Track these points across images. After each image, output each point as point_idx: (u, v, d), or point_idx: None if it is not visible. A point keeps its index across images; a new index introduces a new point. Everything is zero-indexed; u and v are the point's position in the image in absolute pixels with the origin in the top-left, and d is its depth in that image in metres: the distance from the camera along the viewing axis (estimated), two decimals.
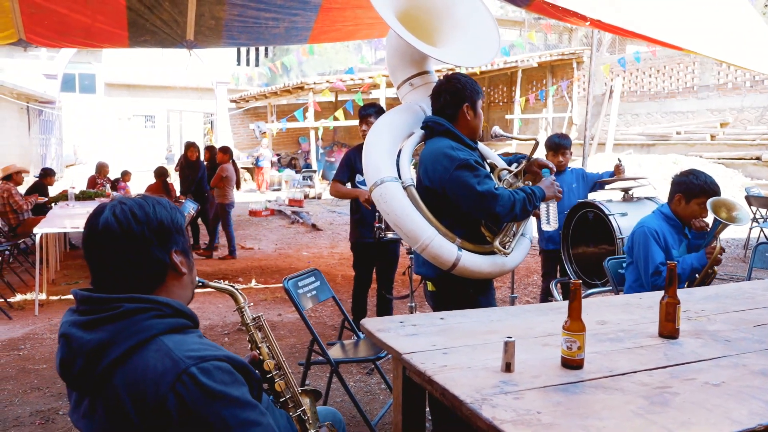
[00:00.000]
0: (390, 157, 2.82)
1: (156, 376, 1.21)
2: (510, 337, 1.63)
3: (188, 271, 1.43)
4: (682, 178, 3.15)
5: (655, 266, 3.01)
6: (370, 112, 4.32)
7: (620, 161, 4.64)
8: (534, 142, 2.91)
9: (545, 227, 3.07)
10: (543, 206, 2.93)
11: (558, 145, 4.62)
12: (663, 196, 4.96)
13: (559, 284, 4.71)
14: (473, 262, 2.64)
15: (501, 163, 2.99)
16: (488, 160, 2.92)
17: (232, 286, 1.70)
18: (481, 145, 2.96)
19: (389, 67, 3.23)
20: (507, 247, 2.73)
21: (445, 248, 2.60)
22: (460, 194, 2.60)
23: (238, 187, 8.76)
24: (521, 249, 2.85)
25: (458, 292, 2.72)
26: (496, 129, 2.96)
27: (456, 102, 2.74)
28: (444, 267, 2.63)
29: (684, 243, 3.26)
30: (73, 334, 1.28)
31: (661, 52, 14.54)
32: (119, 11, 6.63)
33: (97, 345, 1.25)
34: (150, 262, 1.35)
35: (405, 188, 2.72)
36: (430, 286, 2.81)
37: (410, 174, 2.78)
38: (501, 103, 19.60)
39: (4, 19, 6.39)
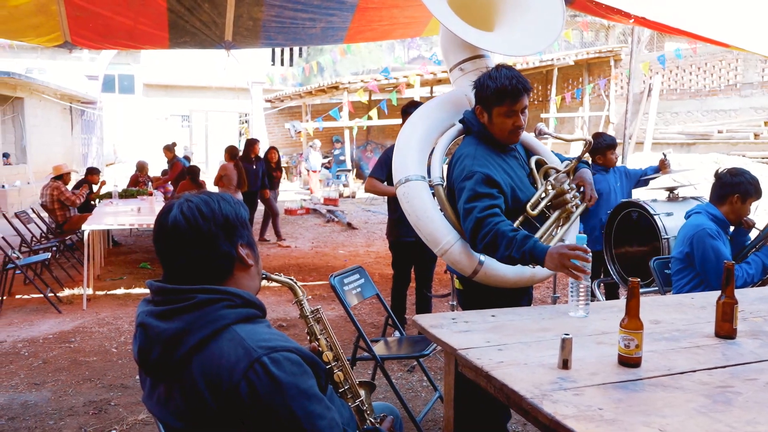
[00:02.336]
0: (420, 154, 2.68)
1: (230, 364, 1.26)
2: (567, 334, 1.64)
3: (254, 262, 1.48)
4: (736, 179, 3.14)
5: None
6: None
7: (665, 155, 4.59)
8: (585, 142, 2.64)
9: (572, 314, 2.16)
10: (573, 283, 2.16)
11: (612, 143, 4.67)
12: (706, 197, 4.88)
13: (602, 284, 4.67)
14: (496, 270, 2.47)
15: (553, 161, 2.79)
16: (536, 156, 2.75)
17: (292, 280, 1.74)
18: (532, 141, 2.78)
19: (442, 49, 3.01)
20: None
21: (465, 254, 2.46)
22: (458, 200, 2.45)
23: (242, 187, 8.71)
24: None
25: (480, 296, 2.58)
26: (541, 126, 2.72)
27: (475, 100, 2.54)
28: (464, 273, 2.50)
29: (728, 242, 3.22)
30: (150, 323, 1.34)
31: (702, 49, 14.21)
32: (160, 13, 6.78)
33: (174, 334, 1.30)
34: (218, 255, 1.40)
35: (433, 187, 2.59)
36: (457, 284, 2.73)
37: (440, 172, 2.61)
38: (536, 102, 19.41)
39: (50, 22, 6.59)
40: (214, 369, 1.27)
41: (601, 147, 4.66)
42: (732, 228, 3.29)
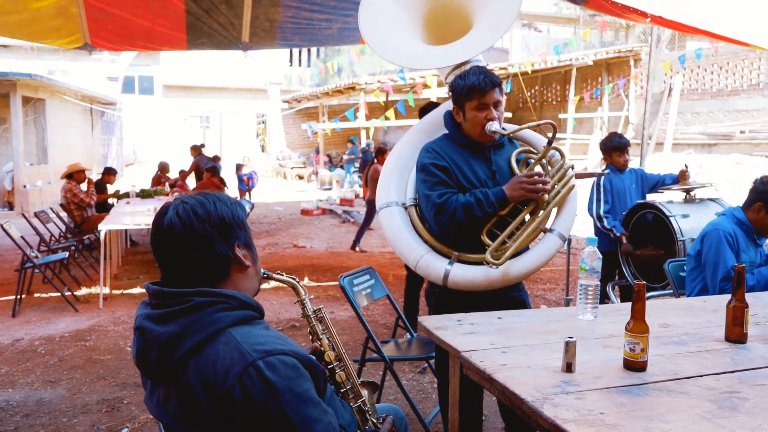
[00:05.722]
0: (398, 180, 2.80)
1: (225, 367, 1.26)
2: (571, 337, 1.62)
3: (252, 263, 1.48)
4: (763, 187, 3.03)
5: (727, 271, 2.91)
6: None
7: (686, 167, 4.47)
8: (549, 126, 2.47)
9: (580, 317, 2.11)
10: (582, 285, 2.09)
11: (621, 144, 4.57)
12: (725, 198, 4.79)
13: (616, 287, 4.61)
14: (464, 275, 2.46)
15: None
16: (517, 150, 2.60)
17: (294, 279, 1.74)
18: (532, 135, 2.71)
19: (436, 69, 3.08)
20: (499, 257, 2.40)
21: (432, 265, 2.53)
22: (419, 196, 2.60)
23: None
24: (534, 254, 2.50)
25: (451, 300, 2.55)
26: (490, 125, 2.42)
27: (452, 102, 2.59)
28: (437, 282, 2.54)
29: (752, 249, 3.14)
30: (147, 326, 1.34)
31: (724, 48, 13.98)
32: (178, 15, 6.85)
33: (170, 338, 1.31)
34: (214, 257, 1.40)
35: (407, 207, 2.70)
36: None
37: (414, 193, 2.68)
38: (554, 102, 19.26)
39: (71, 25, 6.69)
40: (210, 373, 1.27)
41: (607, 148, 4.59)
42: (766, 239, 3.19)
